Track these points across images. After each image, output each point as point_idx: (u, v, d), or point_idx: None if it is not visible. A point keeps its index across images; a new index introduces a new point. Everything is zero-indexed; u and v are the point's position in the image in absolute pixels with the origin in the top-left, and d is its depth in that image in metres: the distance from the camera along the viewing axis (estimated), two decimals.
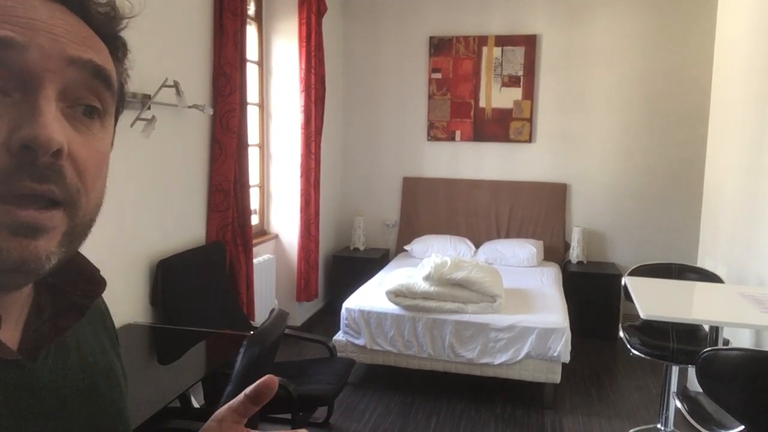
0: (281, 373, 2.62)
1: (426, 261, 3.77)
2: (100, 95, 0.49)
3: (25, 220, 0.43)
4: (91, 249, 0.57)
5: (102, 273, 0.58)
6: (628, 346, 2.95)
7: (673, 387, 2.81)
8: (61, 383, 0.53)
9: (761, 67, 3.31)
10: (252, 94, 4.12)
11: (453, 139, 5.20)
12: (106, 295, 0.61)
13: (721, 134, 4.11)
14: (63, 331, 0.54)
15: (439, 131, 5.22)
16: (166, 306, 2.82)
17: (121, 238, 2.60)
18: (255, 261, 3.80)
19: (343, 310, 3.70)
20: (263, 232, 4.44)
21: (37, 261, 0.44)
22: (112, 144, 0.55)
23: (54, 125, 0.44)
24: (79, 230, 0.48)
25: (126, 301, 2.67)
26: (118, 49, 0.53)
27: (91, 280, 0.57)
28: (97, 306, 0.65)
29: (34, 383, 0.50)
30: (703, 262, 4.21)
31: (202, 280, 3.08)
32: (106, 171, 0.51)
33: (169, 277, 2.84)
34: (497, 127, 5.09)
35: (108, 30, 0.52)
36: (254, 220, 4.26)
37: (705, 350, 1.91)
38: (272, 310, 2.23)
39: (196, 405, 2.70)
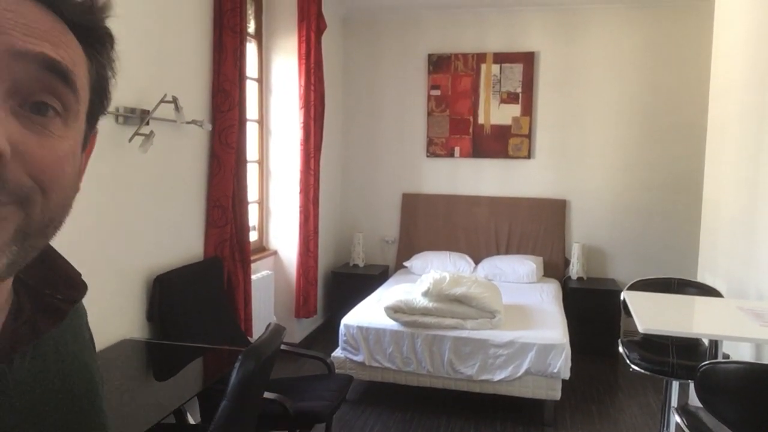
0: (278, 390, 2.60)
1: (425, 277, 3.76)
2: (57, 91, 0.45)
3: None
4: (87, 263, 0.57)
5: (98, 288, 0.58)
6: (628, 362, 2.92)
7: (674, 402, 2.79)
8: (36, 385, 0.53)
9: (758, 81, 3.33)
10: (252, 110, 4.14)
11: (452, 155, 5.22)
12: (103, 310, 0.61)
13: (719, 149, 4.12)
14: (40, 335, 0.53)
15: (438, 147, 5.24)
16: (162, 322, 2.81)
17: (118, 253, 2.59)
18: (254, 277, 3.79)
19: (341, 327, 3.69)
20: (262, 248, 4.43)
21: None
22: (89, 147, 0.53)
23: None
24: (36, 228, 0.45)
25: (122, 317, 2.66)
26: (97, 40, 0.50)
27: (73, 285, 0.56)
28: (78, 309, 0.65)
29: (8, 386, 0.50)
30: (703, 277, 4.19)
31: (199, 296, 3.07)
32: (71, 173, 0.48)
33: (166, 292, 2.83)
34: (496, 144, 5.11)
35: (84, 20, 0.48)
36: (253, 236, 4.26)
37: (703, 364, 1.89)
38: (268, 325, 2.22)
39: (191, 422, 2.67)
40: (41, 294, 0.54)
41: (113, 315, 2.59)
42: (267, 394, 2.38)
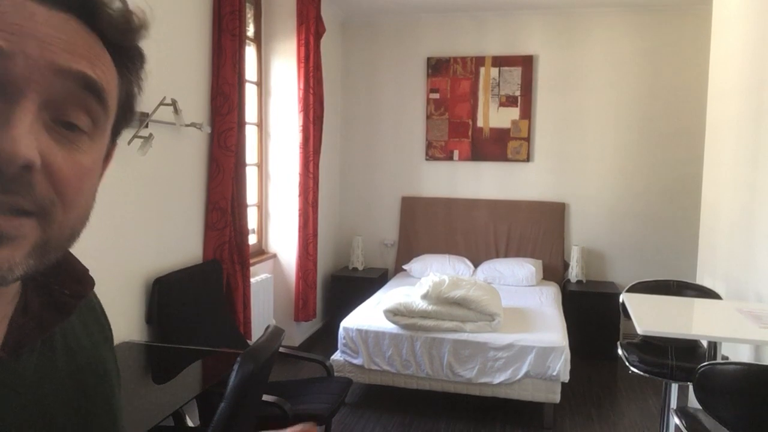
0: (277, 392, 2.59)
1: (424, 280, 3.76)
2: (90, 109, 0.47)
3: None
4: (86, 265, 0.57)
5: (97, 290, 0.58)
6: (627, 364, 2.92)
7: (673, 404, 2.78)
8: (45, 381, 0.53)
9: (756, 85, 3.33)
10: (251, 113, 4.15)
11: (451, 158, 5.22)
12: None
13: (717, 152, 4.12)
14: (49, 330, 0.53)
15: (437, 151, 5.25)
16: (161, 324, 2.81)
17: (116, 255, 2.59)
18: (253, 280, 3.79)
19: (340, 329, 3.68)
20: (261, 251, 4.43)
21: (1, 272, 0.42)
22: (109, 158, 0.54)
23: (24, 139, 0.41)
24: (54, 243, 0.46)
25: (121, 320, 2.66)
26: (130, 59, 0.51)
27: (80, 280, 0.57)
28: (90, 302, 0.65)
29: (16, 381, 0.50)
30: (702, 280, 4.18)
31: (198, 299, 3.06)
32: (92, 186, 0.49)
33: (165, 295, 2.83)
34: (495, 147, 5.12)
35: (120, 39, 0.49)
36: (252, 239, 4.26)
37: (702, 365, 1.89)
38: (267, 328, 2.22)
39: (190, 424, 2.67)
40: (49, 289, 0.54)
41: (112, 317, 2.54)
42: (266, 397, 2.38)
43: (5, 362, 0.49)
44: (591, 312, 4.50)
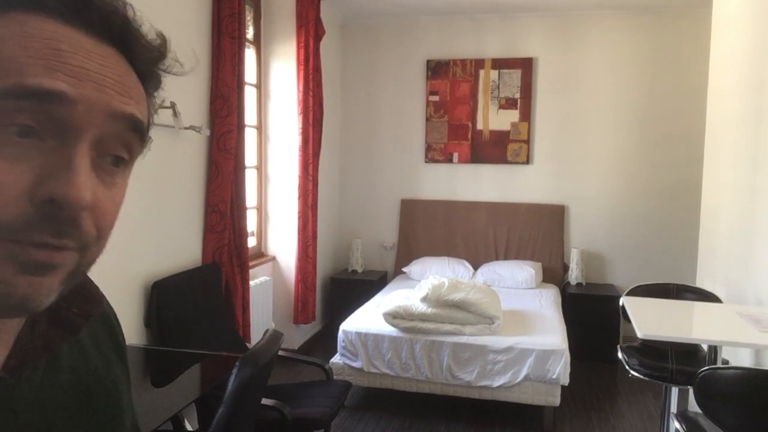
0: (276, 396, 2.58)
1: (423, 282, 3.75)
2: (131, 146, 0.48)
3: (39, 259, 0.42)
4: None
5: None
6: (627, 367, 2.91)
7: (673, 408, 2.78)
8: (48, 399, 0.52)
9: (755, 87, 3.33)
10: (250, 116, 4.15)
11: (451, 161, 5.22)
12: None
13: (717, 154, 4.12)
14: (55, 348, 0.53)
15: (436, 153, 5.24)
16: (160, 328, 2.80)
17: (115, 259, 2.59)
18: (252, 283, 3.78)
19: (340, 332, 3.67)
20: (261, 254, 4.42)
21: (39, 298, 0.43)
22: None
23: (87, 184, 0.43)
24: (82, 270, 0.47)
25: (120, 323, 2.65)
26: (153, 86, 0.52)
27: (89, 299, 0.56)
28: (106, 317, 0.64)
29: (15, 400, 0.49)
30: (702, 283, 4.18)
31: (197, 302, 3.06)
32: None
33: (164, 298, 2.82)
34: (495, 149, 5.11)
35: (151, 69, 0.51)
36: (252, 242, 4.25)
37: (702, 369, 1.89)
38: (266, 331, 2.21)
39: (189, 428, 2.66)
40: (57, 307, 0.53)
41: None
42: (265, 401, 2.37)
43: (6, 381, 0.49)
44: (591, 315, 4.50)
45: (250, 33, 4.18)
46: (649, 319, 2.53)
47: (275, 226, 4.47)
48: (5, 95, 0.40)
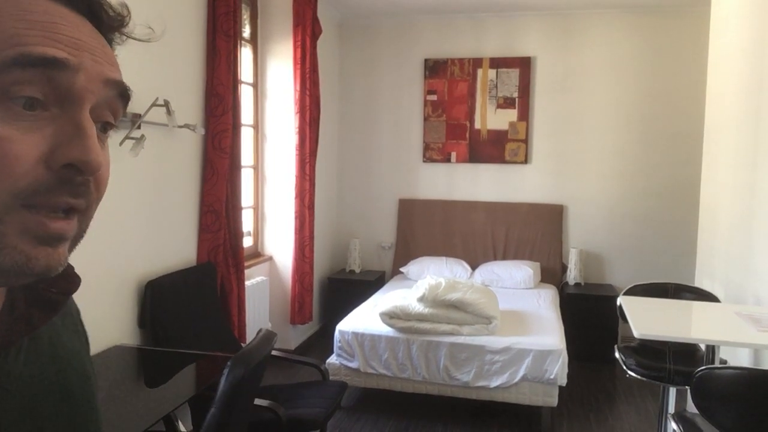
0: (271, 396, 2.56)
1: (421, 282, 3.73)
2: (117, 111, 0.50)
3: (54, 230, 0.44)
4: (78, 268, 0.56)
5: (89, 294, 0.58)
6: (624, 368, 2.89)
7: (671, 408, 2.76)
8: (33, 379, 0.53)
9: (754, 87, 3.31)
10: (247, 115, 4.13)
11: (449, 160, 5.20)
12: (94, 316, 0.60)
13: (716, 154, 4.10)
14: (35, 328, 0.53)
15: (434, 153, 5.22)
16: (154, 328, 2.78)
17: (108, 258, 2.57)
18: (248, 283, 3.76)
19: (336, 333, 3.65)
20: (257, 253, 4.40)
21: (58, 267, 0.46)
22: None
23: (98, 147, 0.45)
24: (80, 236, 0.49)
25: (113, 323, 2.63)
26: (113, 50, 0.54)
27: (66, 277, 0.56)
28: (68, 308, 0.65)
29: (5, 379, 0.50)
30: (701, 283, 4.16)
31: (192, 302, 3.04)
32: None
33: (158, 298, 2.80)
34: (493, 149, 5.10)
35: (114, 35, 0.52)
36: (248, 241, 4.24)
37: (700, 369, 1.87)
38: (259, 331, 2.19)
39: (182, 429, 2.64)
40: (35, 287, 0.54)
41: (104, 321, 2.56)
42: (259, 401, 2.35)
43: None
44: (589, 315, 4.48)
45: (246, 32, 4.16)
46: (647, 319, 2.52)
47: (272, 225, 4.45)
48: (11, 65, 0.41)
